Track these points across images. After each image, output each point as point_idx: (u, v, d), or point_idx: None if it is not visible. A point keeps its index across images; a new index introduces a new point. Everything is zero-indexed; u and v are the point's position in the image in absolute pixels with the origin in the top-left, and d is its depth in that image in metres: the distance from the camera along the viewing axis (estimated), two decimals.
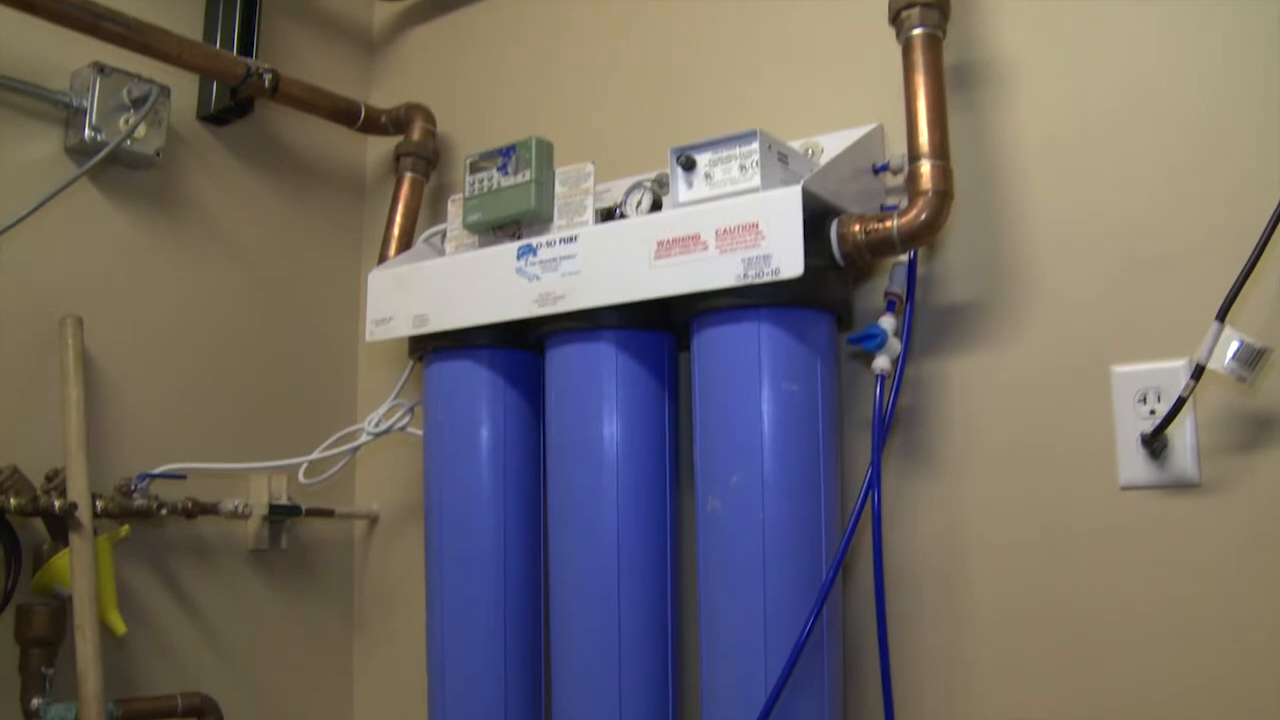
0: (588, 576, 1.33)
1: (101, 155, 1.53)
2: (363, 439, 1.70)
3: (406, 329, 1.48)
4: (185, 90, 1.72)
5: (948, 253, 1.34)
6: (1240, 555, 1.13)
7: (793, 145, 1.32)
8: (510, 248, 1.38)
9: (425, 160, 1.81)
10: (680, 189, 1.27)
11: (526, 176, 1.40)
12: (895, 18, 1.29)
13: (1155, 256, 1.21)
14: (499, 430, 1.47)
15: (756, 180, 1.22)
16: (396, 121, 1.85)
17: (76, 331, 1.52)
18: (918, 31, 1.26)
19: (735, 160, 1.24)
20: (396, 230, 1.75)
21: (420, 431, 1.57)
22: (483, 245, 1.47)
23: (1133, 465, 1.20)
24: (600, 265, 1.30)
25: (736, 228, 1.19)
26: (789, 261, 1.15)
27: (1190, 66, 1.21)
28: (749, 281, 1.17)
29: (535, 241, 1.36)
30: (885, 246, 1.22)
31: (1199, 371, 1.09)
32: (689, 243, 1.22)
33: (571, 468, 1.36)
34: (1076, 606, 1.22)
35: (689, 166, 1.27)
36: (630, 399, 1.34)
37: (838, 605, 1.28)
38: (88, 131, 1.54)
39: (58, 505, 1.40)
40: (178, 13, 1.70)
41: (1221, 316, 1.08)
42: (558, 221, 1.40)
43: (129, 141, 1.57)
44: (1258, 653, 1.11)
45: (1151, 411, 1.19)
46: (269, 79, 1.66)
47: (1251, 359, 1.06)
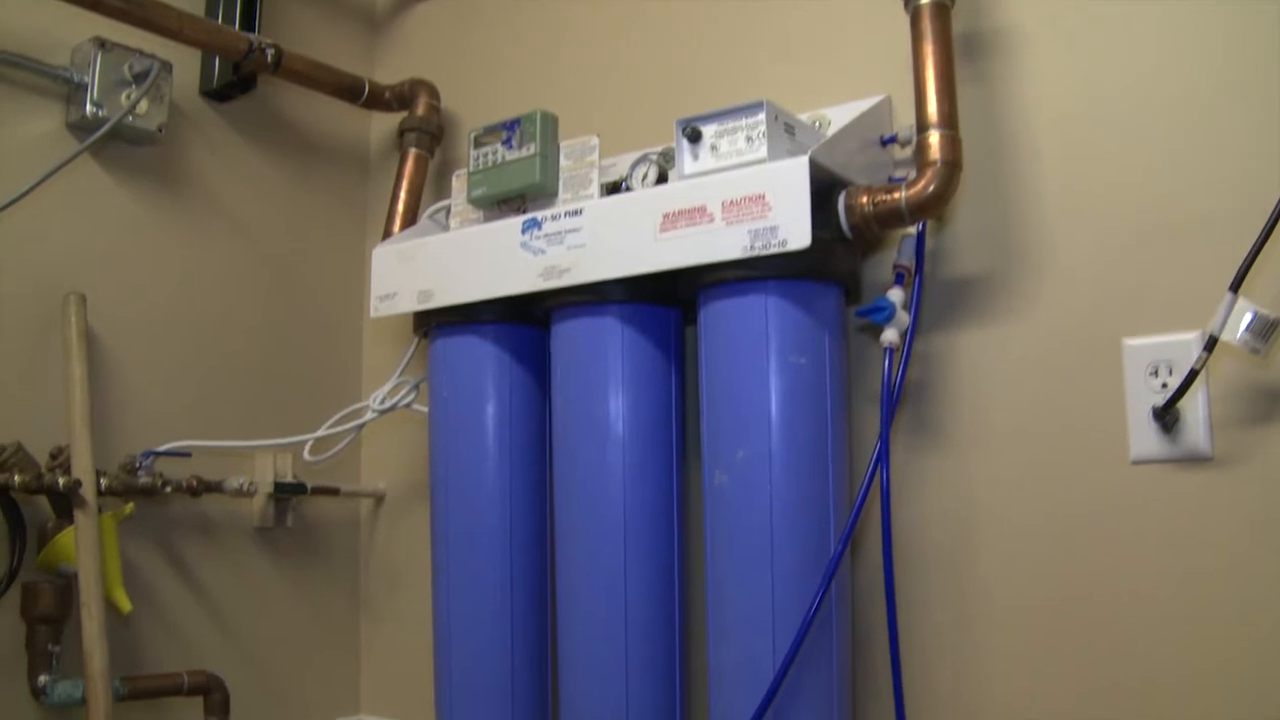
0: (593, 552, 1.33)
1: (103, 131, 1.52)
2: (368, 416, 1.69)
3: (411, 304, 1.47)
4: (188, 66, 1.71)
5: (957, 225, 1.33)
6: (1253, 529, 1.12)
7: (800, 118, 1.31)
8: (515, 222, 1.37)
9: (430, 136, 1.80)
10: (686, 161, 1.26)
11: (531, 150, 1.39)
12: None
13: (1167, 227, 1.19)
14: (504, 406, 1.46)
15: (763, 151, 1.20)
16: (400, 97, 1.84)
17: (80, 308, 1.52)
18: (926, 0, 1.25)
19: (742, 131, 1.22)
20: (401, 206, 1.74)
21: (426, 408, 1.56)
22: (487, 220, 1.46)
23: (1144, 439, 1.19)
24: (605, 238, 1.28)
25: (743, 199, 1.18)
26: (796, 233, 1.14)
27: (1202, 37, 1.19)
28: (755, 253, 1.16)
29: (540, 215, 1.34)
30: (893, 218, 1.20)
31: (1212, 343, 1.07)
32: (695, 215, 1.21)
33: (577, 443, 1.35)
34: (1086, 581, 1.21)
35: (695, 138, 1.25)
36: (636, 373, 1.33)
37: (846, 580, 1.27)
38: (89, 107, 1.53)
39: (62, 482, 1.39)
40: None
41: (1235, 287, 1.06)
42: (563, 195, 1.39)
43: (131, 117, 1.57)
44: (1271, 628, 1.10)
45: (1163, 385, 1.17)
46: (271, 54, 1.65)
47: (1265, 330, 1.05)
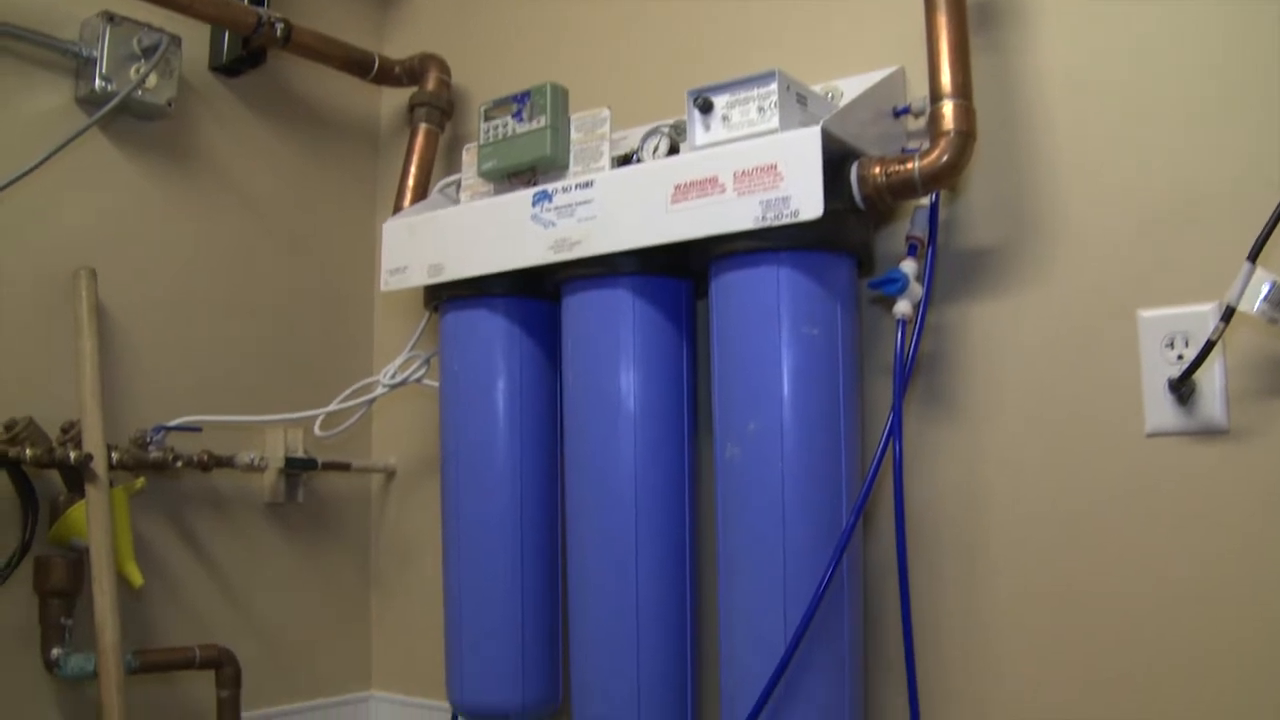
0: (605, 526, 1.32)
1: (112, 104, 1.52)
2: (378, 391, 1.69)
3: (421, 278, 1.46)
4: (197, 41, 1.70)
5: (970, 196, 1.31)
6: (1270, 502, 1.11)
7: (813, 89, 1.30)
8: (525, 194, 1.36)
9: (440, 111, 1.79)
10: (697, 132, 1.25)
11: (541, 122, 1.38)
12: None
13: (1183, 198, 1.18)
14: (515, 380, 1.45)
15: (775, 122, 1.19)
16: (411, 72, 1.83)
17: (90, 283, 1.51)
18: None
19: (753, 102, 1.21)
20: (411, 181, 1.73)
21: (437, 383, 1.56)
22: (498, 193, 1.45)
23: (1159, 411, 1.18)
24: (617, 210, 1.28)
25: (755, 169, 1.17)
26: (808, 203, 1.13)
27: (1220, 7, 1.17)
28: (767, 224, 1.15)
29: (551, 187, 1.34)
30: (906, 189, 1.19)
31: (1229, 314, 1.06)
32: (706, 185, 1.20)
33: (588, 416, 1.34)
34: (1100, 553, 1.20)
35: (706, 109, 1.24)
36: (648, 346, 1.33)
37: (858, 553, 1.26)
38: (98, 81, 1.53)
39: (73, 456, 1.40)
40: None
41: (1253, 257, 1.05)
42: (573, 168, 1.38)
43: (140, 92, 1.56)
44: None
45: (1179, 357, 1.16)
46: (281, 29, 1.64)
47: None
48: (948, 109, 1.19)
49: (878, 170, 1.20)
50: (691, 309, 1.39)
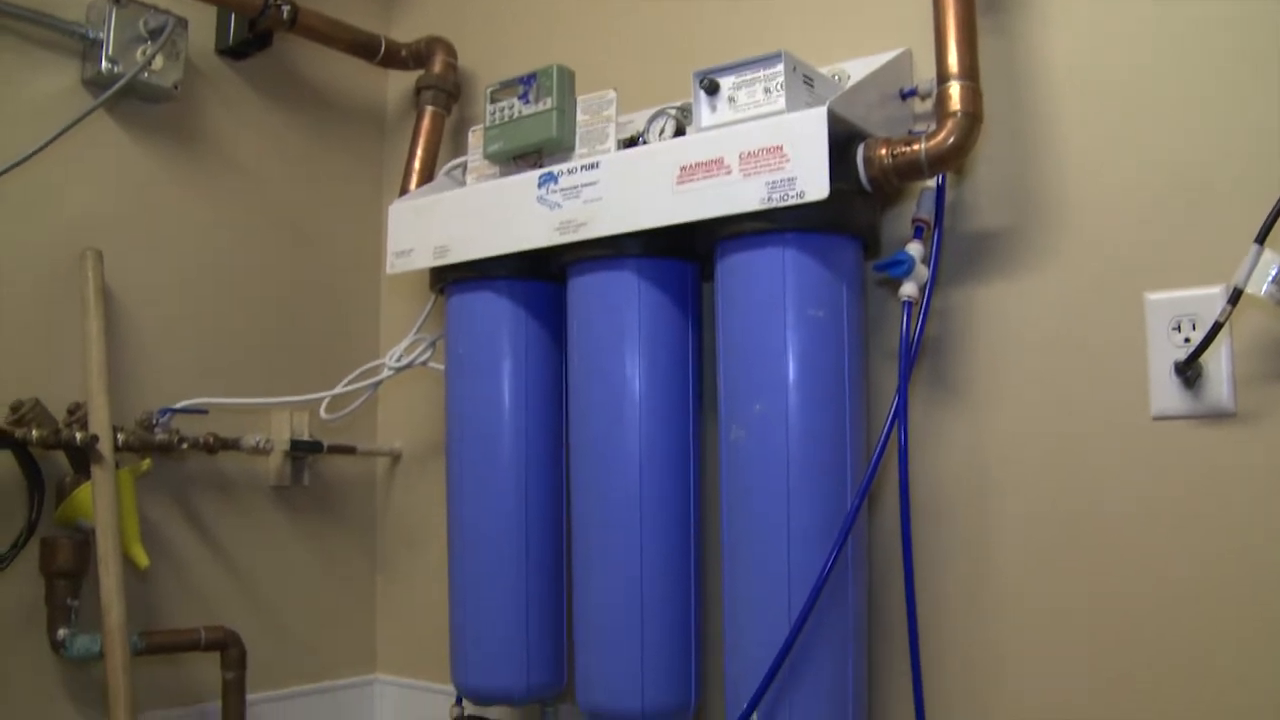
0: (609, 508, 1.32)
1: (118, 86, 1.52)
2: (384, 373, 1.69)
3: (427, 260, 1.46)
4: (203, 24, 1.70)
5: (977, 178, 1.31)
6: (1277, 485, 1.10)
7: (820, 71, 1.29)
8: (531, 176, 1.36)
9: (446, 94, 1.79)
10: (703, 113, 1.25)
11: (548, 104, 1.38)
12: None
13: (1191, 181, 1.17)
14: (520, 362, 1.45)
15: (781, 103, 1.19)
16: (417, 55, 1.83)
17: (96, 265, 1.52)
18: None
19: (760, 83, 1.21)
20: (417, 164, 1.73)
21: (442, 366, 1.56)
22: (504, 175, 1.45)
23: (1166, 395, 1.17)
24: (622, 192, 1.27)
25: (760, 150, 1.17)
26: (814, 184, 1.13)
27: None
28: (773, 205, 1.15)
29: (557, 169, 1.33)
30: (913, 170, 1.19)
31: (1236, 296, 1.06)
32: (712, 167, 1.20)
33: (593, 399, 1.34)
34: (1105, 537, 1.19)
35: (712, 90, 1.24)
36: (653, 328, 1.33)
37: (863, 536, 1.26)
38: (104, 63, 1.53)
39: (79, 437, 1.40)
40: None
41: (1261, 239, 1.05)
42: (579, 150, 1.38)
43: (146, 74, 1.56)
44: None
45: (1186, 339, 1.16)
46: (287, 11, 1.64)
47: None
48: (954, 90, 1.19)
49: (884, 152, 1.19)
50: (697, 291, 1.39)
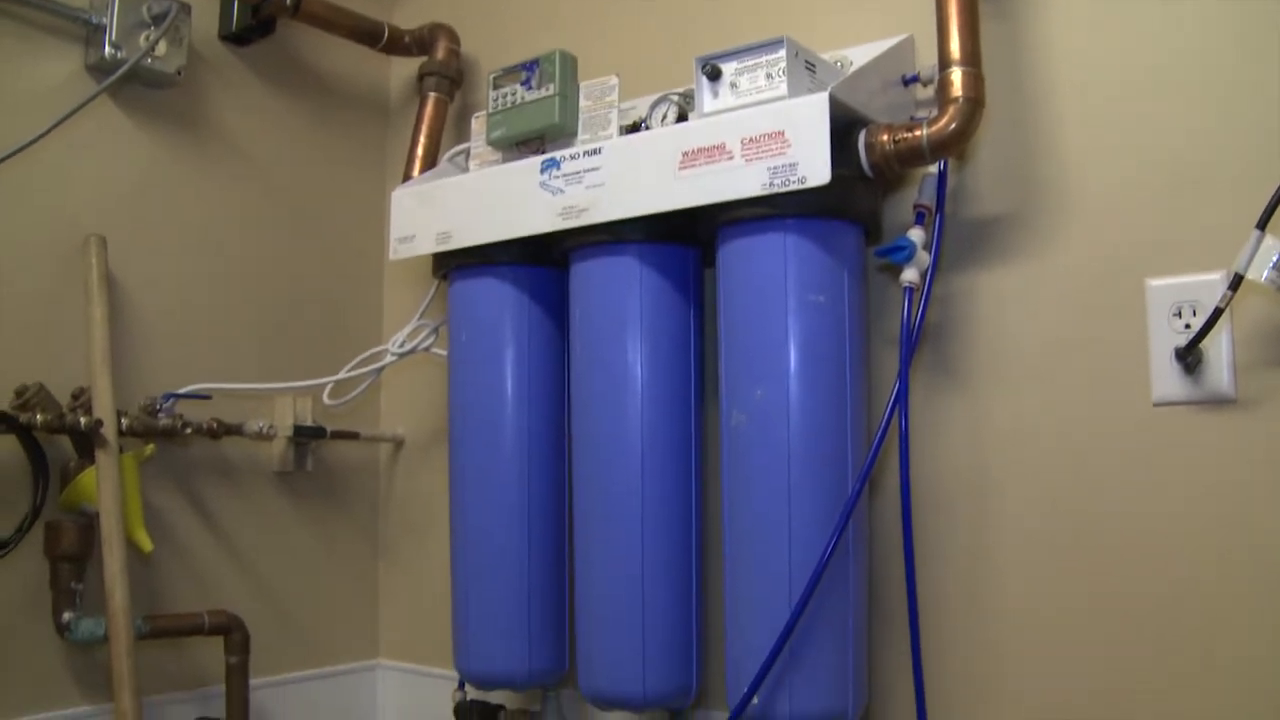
0: (611, 493, 1.33)
1: (121, 72, 1.52)
2: (387, 359, 1.69)
3: (430, 246, 1.46)
4: (207, 10, 1.70)
5: (979, 164, 1.31)
6: (1277, 471, 1.11)
7: (822, 57, 1.29)
8: (534, 162, 1.36)
9: (449, 80, 1.79)
10: (706, 99, 1.25)
11: (550, 90, 1.38)
12: None
13: (1192, 167, 1.17)
14: (523, 348, 1.46)
15: (783, 89, 1.19)
16: (420, 41, 1.83)
17: (100, 250, 1.52)
18: None
19: (762, 69, 1.21)
20: (420, 150, 1.73)
21: (445, 352, 1.56)
22: (507, 161, 1.45)
23: (1166, 381, 1.17)
24: (624, 177, 1.28)
25: (762, 136, 1.17)
26: (815, 169, 1.13)
27: None
28: (775, 190, 1.15)
29: (559, 155, 1.34)
30: (914, 156, 1.19)
31: (1237, 281, 1.06)
32: (714, 152, 1.20)
33: (595, 384, 1.35)
34: (1106, 522, 1.20)
35: (714, 76, 1.24)
36: (655, 313, 1.33)
37: (863, 521, 1.26)
38: (108, 49, 1.53)
39: (83, 422, 1.40)
40: None
41: (1262, 225, 1.05)
42: (582, 135, 1.38)
43: (150, 59, 1.56)
44: None
45: (1187, 325, 1.16)
46: None
47: None
48: (956, 76, 1.19)
49: (886, 137, 1.19)
50: (699, 277, 1.39)
